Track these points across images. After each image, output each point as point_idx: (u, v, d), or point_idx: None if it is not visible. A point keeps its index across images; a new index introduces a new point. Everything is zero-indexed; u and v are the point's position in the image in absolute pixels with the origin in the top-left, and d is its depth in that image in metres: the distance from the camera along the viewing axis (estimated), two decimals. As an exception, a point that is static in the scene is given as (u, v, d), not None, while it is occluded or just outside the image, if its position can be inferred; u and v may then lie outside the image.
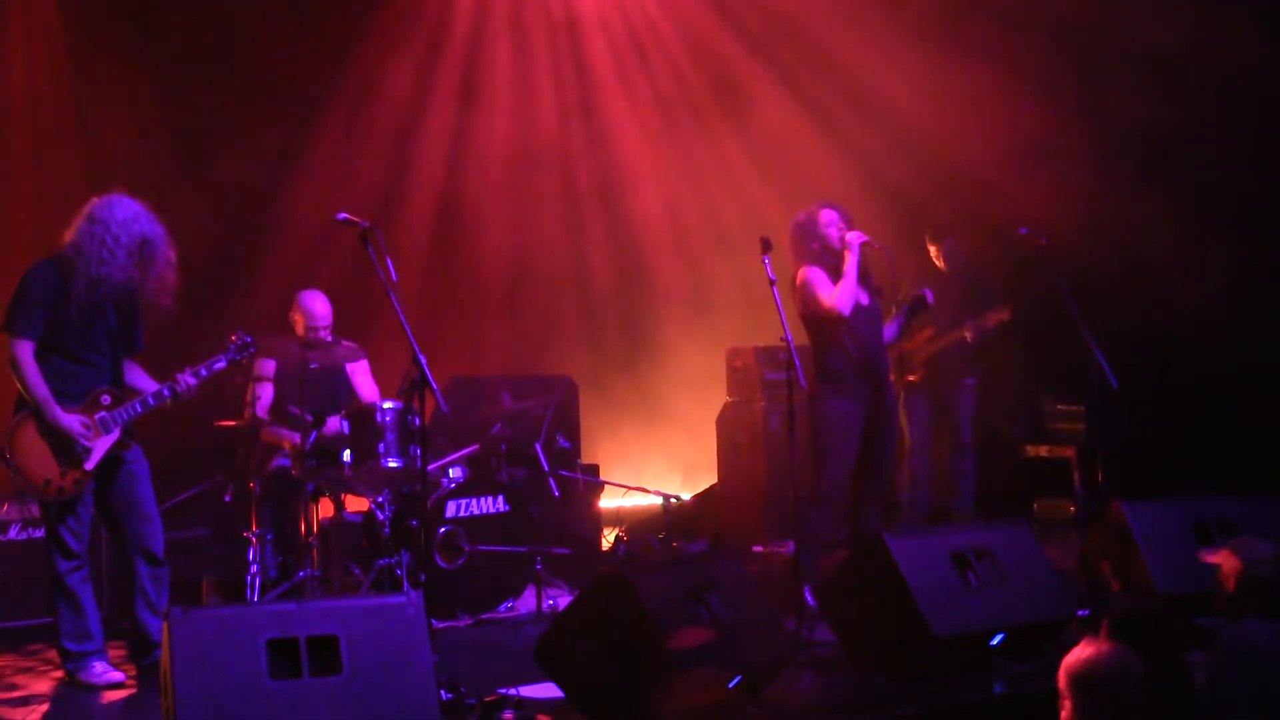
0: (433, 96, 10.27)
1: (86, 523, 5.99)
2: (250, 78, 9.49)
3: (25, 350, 5.83)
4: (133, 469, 6.06)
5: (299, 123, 9.82)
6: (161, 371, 6.18)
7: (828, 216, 7.07)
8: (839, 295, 6.89)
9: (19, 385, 5.86)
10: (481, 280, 10.46)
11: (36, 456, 5.83)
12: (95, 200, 5.98)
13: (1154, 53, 8.80)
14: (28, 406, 5.86)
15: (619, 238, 10.81)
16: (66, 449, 5.85)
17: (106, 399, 5.95)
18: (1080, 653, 3.74)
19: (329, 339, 7.44)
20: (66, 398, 5.87)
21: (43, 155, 8.83)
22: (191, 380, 6.07)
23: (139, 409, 6.00)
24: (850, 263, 6.92)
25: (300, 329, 7.48)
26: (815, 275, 6.98)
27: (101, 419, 5.92)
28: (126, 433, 6.01)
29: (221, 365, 6.24)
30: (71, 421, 5.83)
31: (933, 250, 8.92)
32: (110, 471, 5.99)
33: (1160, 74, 8.83)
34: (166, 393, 6.04)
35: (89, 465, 5.88)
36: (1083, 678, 3.69)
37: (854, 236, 6.97)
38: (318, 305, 7.57)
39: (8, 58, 8.83)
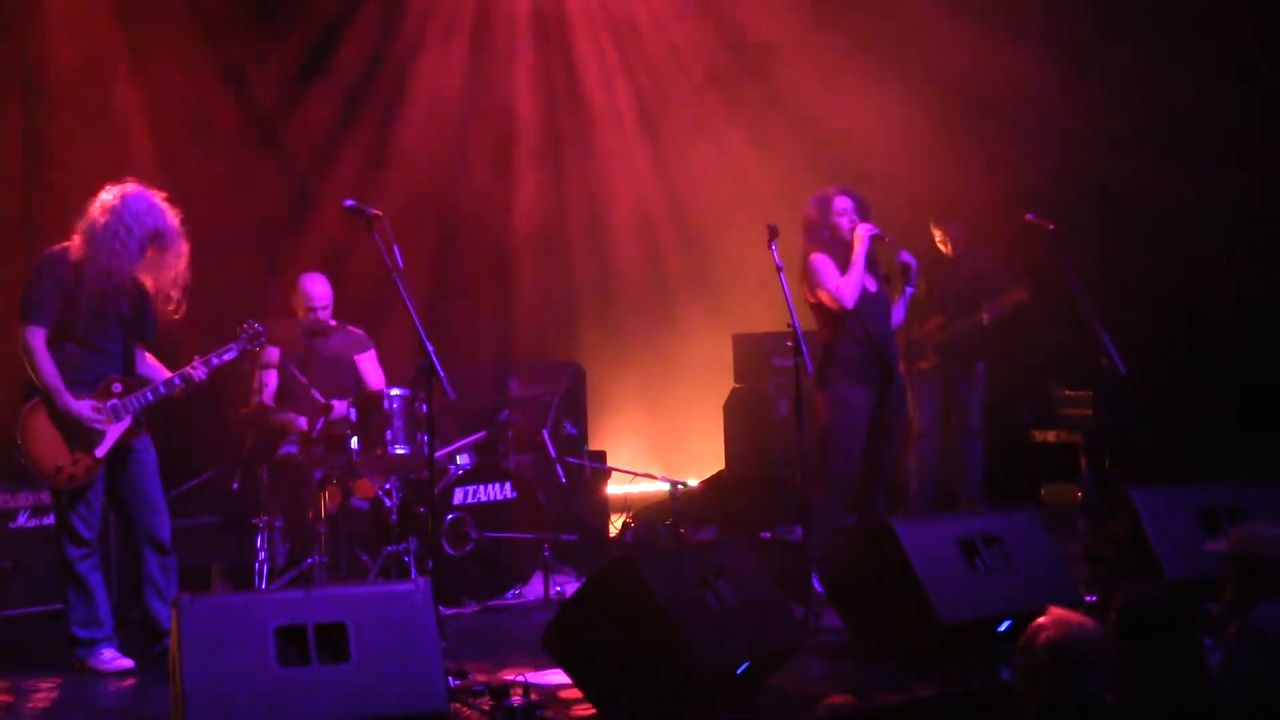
0: (432, 80, 10.24)
1: (97, 510, 6.01)
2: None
3: (37, 337, 5.85)
4: (141, 457, 6.07)
5: (307, 111, 9.82)
6: (175, 357, 6.21)
7: (842, 204, 7.02)
8: (844, 288, 6.86)
9: (30, 372, 5.88)
10: (487, 266, 10.44)
11: (48, 443, 5.84)
12: (110, 189, 5.98)
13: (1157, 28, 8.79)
14: (39, 393, 5.87)
15: (626, 223, 10.79)
16: (78, 435, 5.86)
17: (118, 387, 5.96)
18: (1045, 624, 3.76)
19: (331, 321, 7.45)
20: (78, 385, 5.89)
21: (75, 140, 8.83)
22: (202, 370, 6.08)
23: (150, 397, 6.02)
24: (858, 255, 6.88)
25: (301, 312, 7.50)
26: (822, 264, 6.96)
27: (113, 406, 5.93)
28: (137, 421, 6.03)
29: (233, 354, 6.24)
30: (82, 407, 5.85)
31: (937, 235, 8.90)
32: (119, 459, 6.00)
33: (1166, 50, 8.80)
34: (178, 381, 6.05)
35: (100, 452, 5.89)
36: (1059, 645, 3.70)
37: (865, 229, 6.93)
38: (315, 287, 7.59)
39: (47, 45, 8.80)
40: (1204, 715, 4.01)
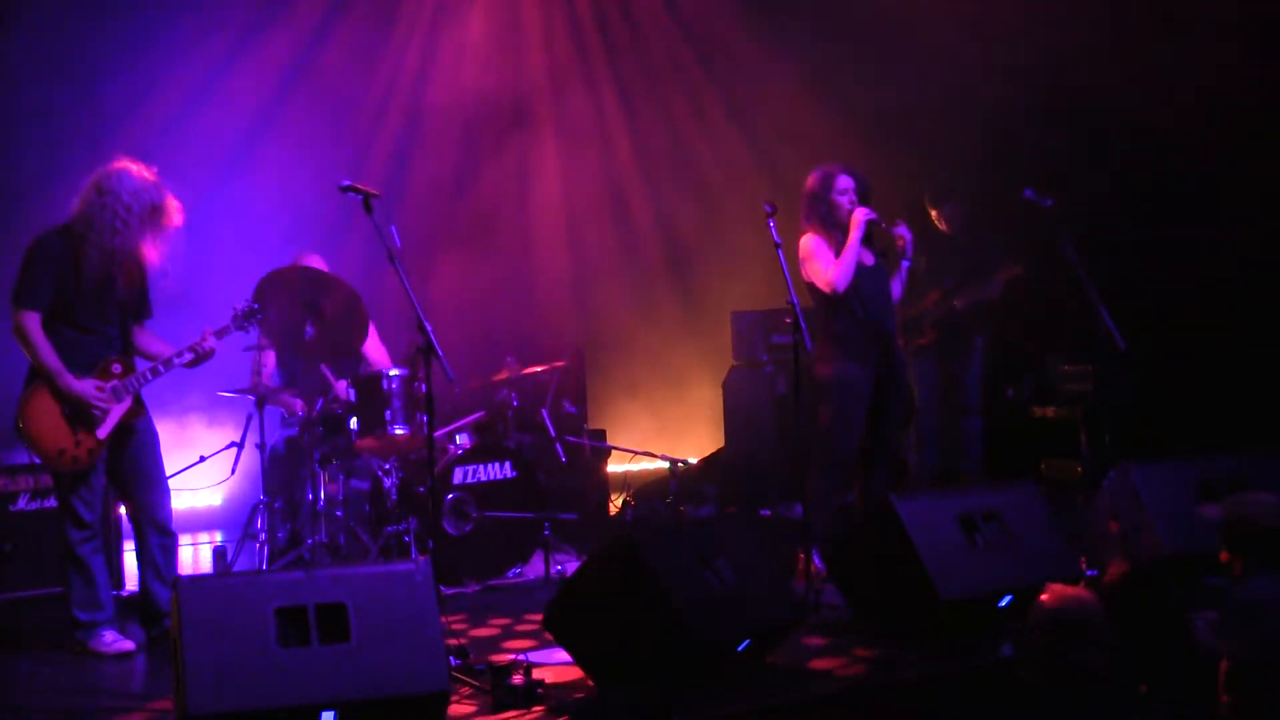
0: (434, 62, 10.21)
1: (98, 492, 6.01)
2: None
3: (32, 321, 5.83)
4: (143, 438, 6.07)
5: (307, 93, 9.81)
6: (173, 335, 6.21)
7: (844, 183, 6.99)
8: (836, 272, 6.85)
9: (29, 356, 5.87)
10: (487, 245, 10.42)
11: (49, 426, 5.83)
12: (101, 170, 5.96)
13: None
14: (40, 377, 5.86)
15: (625, 200, 10.77)
16: (80, 417, 5.85)
17: (117, 368, 5.96)
18: (1046, 599, 3.76)
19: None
20: (76, 367, 5.88)
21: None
22: (202, 347, 6.07)
23: (149, 377, 6.01)
24: (853, 240, 6.86)
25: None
26: (817, 245, 6.94)
27: (113, 388, 5.92)
28: (137, 401, 6.02)
29: (230, 331, 6.24)
30: (85, 387, 5.84)
31: (933, 214, 8.89)
32: (121, 440, 6.00)
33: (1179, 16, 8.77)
34: (176, 360, 6.04)
35: (101, 434, 5.89)
36: (1060, 618, 3.70)
37: (861, 213, 6.90)
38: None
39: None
40: (1190, 687, 4.03)
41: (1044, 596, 3.81)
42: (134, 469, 6.06)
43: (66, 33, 8.91)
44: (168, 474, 6.26)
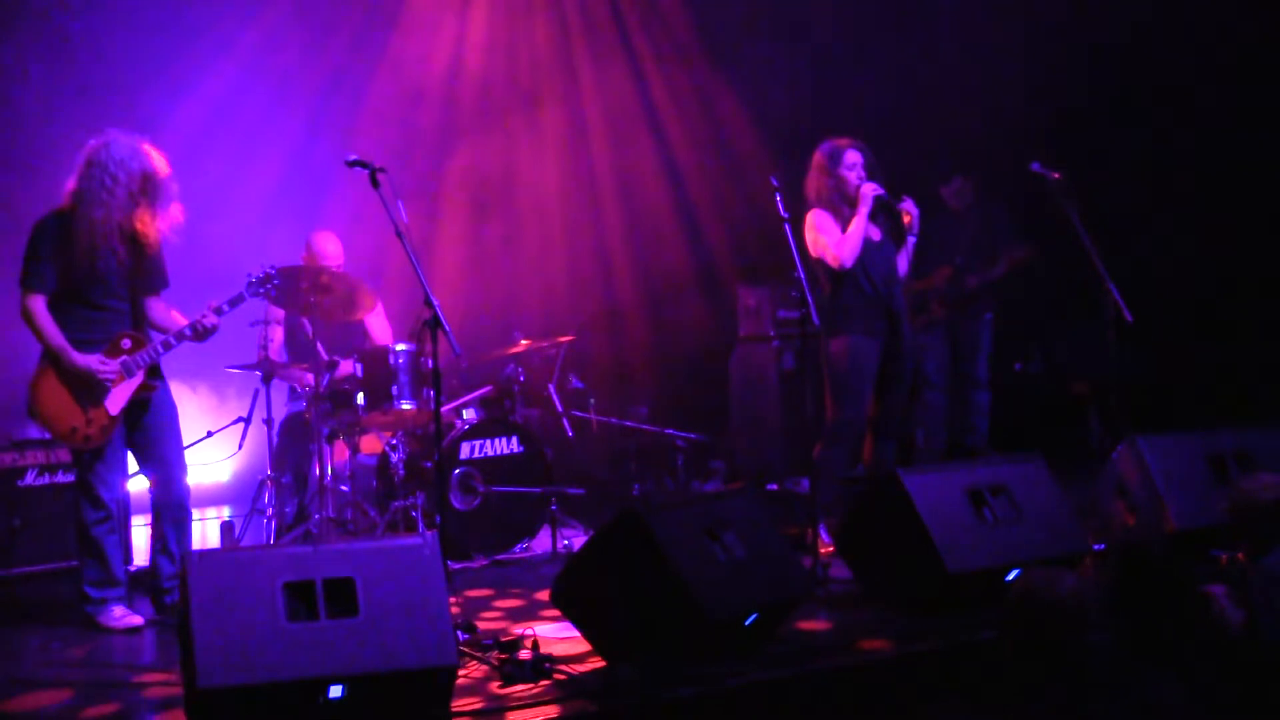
0: (442, 39, 10.18)
1: (116, 471, 6.01)
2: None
3: (38, 304, 5.85)
4: (158, 412, 6.06)
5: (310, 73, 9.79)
6: (182, 306, 6.21)
7: (852, 158, 6.97)
8: (844, 248, 6.84)
9: (37, 338, 5.87)
10: (494, 220, 10.41)
11: (59, 405, 5.84)
12: (92, 144, 5.94)
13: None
14: (48, 358, 5.86)
15: (629, 176, 10.74)
16: (89, 393, 5.84)
17: (127, 343, 5.94)
18: (1029, 583, 3.74)
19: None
20: (88, 345, 5.88)
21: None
22: (213, 318, 6.04)
23: (161, 350, 6.00)
24: (860, 215, 6.85)
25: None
26: (823, 221, 6.93)
27: (124, 363, 5.91)
28: (152, 374, 6.00)
29: (244, 300, 6.22)
30: (89, 360, 5.83)
31: (942, 191, 8.86)
32: (136, 415, 5.99)
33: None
34: (188, 331, 6.02)
35: (114, 410, 5.88)
36: (1035, 598, 3.68)
37: (869, 188, 6.88)
38: (328, 245, 7.60)
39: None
40: (1205, 662, 4.01)
41: (1019, 577, 3.79)
42: (147, 444, 6.05)
43: (70, 15, 8.89)
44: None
